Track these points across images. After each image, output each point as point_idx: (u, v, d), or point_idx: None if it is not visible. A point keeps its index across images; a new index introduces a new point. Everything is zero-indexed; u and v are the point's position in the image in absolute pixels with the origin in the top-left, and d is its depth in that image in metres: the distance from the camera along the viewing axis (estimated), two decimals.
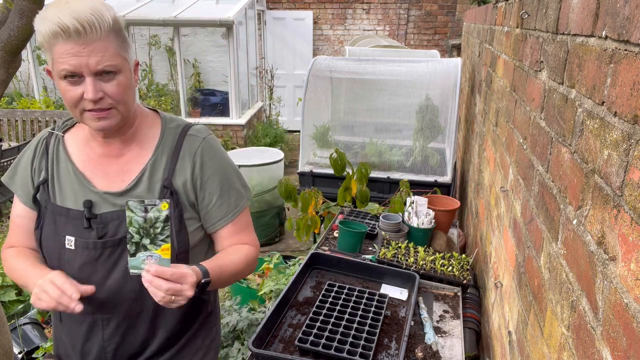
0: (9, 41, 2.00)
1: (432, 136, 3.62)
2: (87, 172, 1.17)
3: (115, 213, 1.14)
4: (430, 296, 1.84)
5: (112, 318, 1.19)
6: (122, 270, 1.14)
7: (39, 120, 5.76)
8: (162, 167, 1.18)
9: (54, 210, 1.15)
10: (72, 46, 0.99)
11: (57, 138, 1.21)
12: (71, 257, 1.14)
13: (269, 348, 1.43)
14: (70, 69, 1.01)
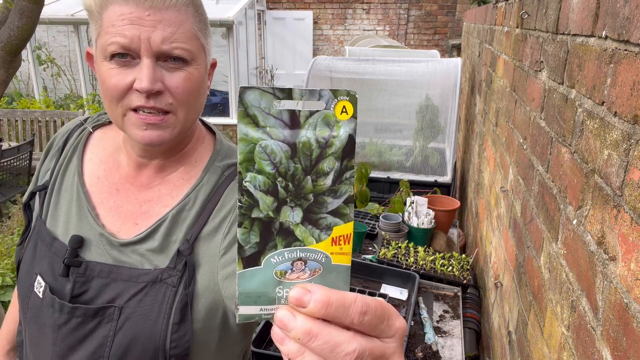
0: (9, 41, 2.00)
1: (432, 136, 3.62)
2: (96, 196, 0.82)
3: (107, 267, 0.77)
4: (430, 296, 1.84)
5: None
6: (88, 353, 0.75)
7: (39, 120, 5.77)
8: (187, 222, 0.79)
9: (40, 231, 0.83)
10: (132, 9, 0.68)
11: (83, 133, 0.88)
12: (35, 307, 0.79)
13: (269, 348, 1.43)
14: (123, 42, 0.67)
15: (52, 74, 7.41)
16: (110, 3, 0.69)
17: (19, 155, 4.51)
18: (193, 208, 0.79)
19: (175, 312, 0.75)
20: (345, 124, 0.33)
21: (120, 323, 0.75)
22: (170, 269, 0.76)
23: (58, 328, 0.76)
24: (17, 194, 4.36)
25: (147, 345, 0.74)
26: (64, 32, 7.49)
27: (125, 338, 0.74)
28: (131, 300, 0.75)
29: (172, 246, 0.78)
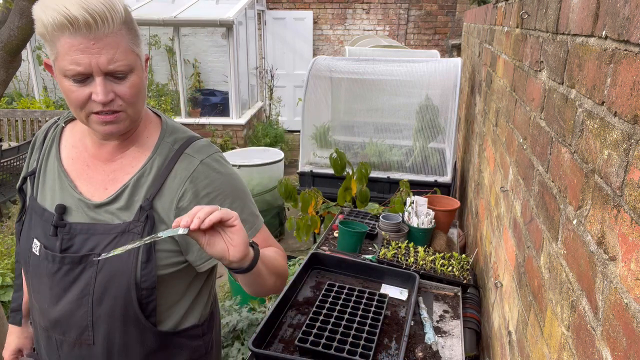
0: (9, 41, 2.00)
1: (432, 136, 3.62)
2: (72, 173, 1.05)
3: (86, 225, 0.99)
4: (430, 296, 1.84)
5: (65, 341, 1.05)
6: (77, 292, 0.99)
7: (39, 120, 5.76)
8: (146, 184, 1.01)
9: (33, 206, 1.06)
10: (80, 41, 0.86)
11: (57, 129, 1.12)
12: (35, 264, 1.03)
13: (269, 348, 1.44)
14: (79, 69, 0.87)
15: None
16: (61, 35, 0.86)
17: (19, 155, 4.51)
18: (150, 174, 1.02)
19: (142, 254, 0.98)
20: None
21: (100, 266, 0.98)
22: (135, 221, 0.99)
23: (53, 275, 1.00)
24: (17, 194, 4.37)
25: (122, 281, 0.98)
26: None
27: (104, 277, 0.98)
28: (106, 247, 0.97)
29: (135, 204, 1.00)
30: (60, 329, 1.04)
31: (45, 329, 1.06)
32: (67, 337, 1.04)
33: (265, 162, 4.25)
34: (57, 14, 0.85)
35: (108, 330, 1.02)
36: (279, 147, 6.26)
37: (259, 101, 7.90)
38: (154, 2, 6.68)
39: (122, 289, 0.98)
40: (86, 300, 0.99)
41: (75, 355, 1.05)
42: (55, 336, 1.05)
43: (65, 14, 0.84)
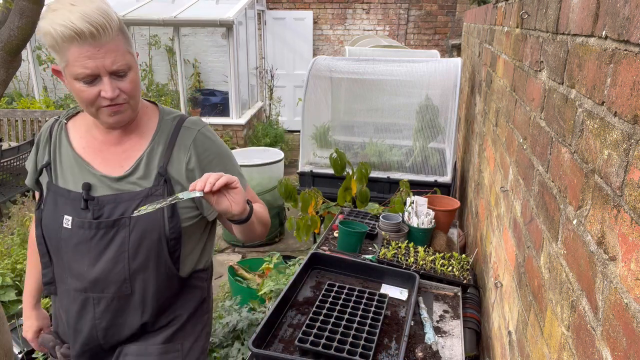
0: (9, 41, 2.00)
1: (432, 136, 3.62)
2: (87, 157, 1.23)
3: (112, 196, 1.19)
4: (430, 296, 1.84)
5: (103, 298, 1.22)
6: (114, 251, 1.18)
7: (39, 120, 5.76)
8: (158, 155, 1.23)
9: (56, 191, 1.22)
10: (87, 49, 1.04)
11: (60, 125, 1.28)
12: (67, 236, 1.19)
13: (269, 348, 1.43)
14: (88, 72, 1.06)
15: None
16: (70, 46, 1.03)
17: (19, 155, 4.51)
18: (159, 146, 1.23)
19: (167, 210, 1.20)
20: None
21: (132, 226, 1.17)
22: (155, 186, 1.20)
23: (89, 240, 1.18)
24: (17, 194, 4.36)
25: (153, 235, 1.19)
26: None
27: (137, 235, 1.18)
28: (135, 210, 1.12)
29: (152, 172, 1.21)
30: (99, 287, 1.21)
31: (82, 291, 1.22)
32: (105, 293, 1.21)
33: (265, 162, 4.25)
34: (65, 28, 1.01)
35: (143, 280, 1.22)
36: (279, 147, 6.26)
37: (259, 101, 7.90)
38: (154, 2, 6.67)
39: (154, 242, 1.19)
40: (123, 257, 1.18)
41: (113, 308, 1.23)
42: (93, 295, 1.22)
43: (72, 28, 1.00)
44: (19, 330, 2.56)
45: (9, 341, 2.06)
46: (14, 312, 2.86)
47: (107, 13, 1.04)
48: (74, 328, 1.27)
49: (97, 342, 1.27)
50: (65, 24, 1.00)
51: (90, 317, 1.24)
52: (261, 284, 2.85)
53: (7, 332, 2.03)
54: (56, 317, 1.35)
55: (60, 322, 1.34)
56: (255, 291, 2.88)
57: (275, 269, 3.13)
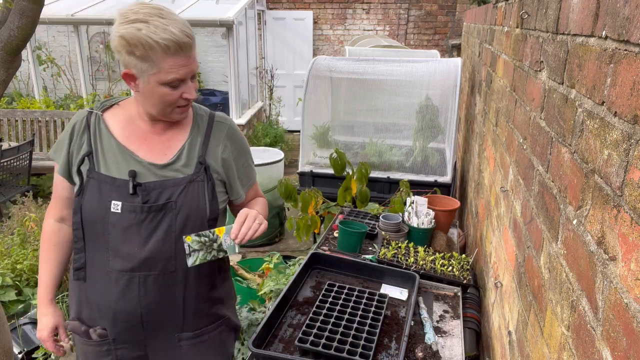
0: (9, 41, 2.00)
1: (432, 136, 3.62)
2: (131, 146, 1.32)
3: (157, 182, 1.29)
4: (430, 296, 1.84)
5: (149, 276, 1.31)
6: (162, 232, 1.29)
7: (39, 120, 5.76)
8: (197, 146, 1.37)
9: (99, 178, 1.28)
10: (182, 59, 1.19)
11: (97, 116, 1.34)
12: (116, 220, 1.28)
13: (269, 348, 1.43)
14: (180, 78, 1.21)
15: (52, 74, 7.40)
16: (166, 56, 1.17)
17: (19, 155, 4.50)
18: (198, 137, 1.38)
19: (208, 193, 1.34)
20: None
21: (178, 209, 1.30)
22: (196, 173, 1.33)
23: (140, 223, 1.28)
24: (17, 194, 4.36)
25: (196, 216, 1.32)
26: (64, 32, 7.49)
27: (183, 216, 1.30)
28: (180, 195, 1.30)
29: (193, 161, 1.34)
30: (147, 266, 1.30)
31: (128, 271, 1.30)
32: (152, 271, 1.31)
33: (265, 162, 4.25)
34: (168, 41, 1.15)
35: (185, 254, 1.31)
36: (279, 147, 6.26)
37: (259, 101, 7.90)
38: (154, 2, 6.67)
39: (197, 223, 1.33)
40: (170, 237, 1.30)
41: (160, 284, 1.33)
42: (140, 274, 1.30)
43: (175, 41, 1.16)
44: (19, 330, 2.56)
45: (9, 341, 2.06)
46: (14, 312, 2.86)
47: (185, 24, 1.19)
48: (114, 309, 1.32)
49: (137, 321, 1.34)
50: (169, 37, 1.14)
51: (134, 295, 1.31)
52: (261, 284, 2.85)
53: (7, 332, 2.03)
54: (79, 303, 1.38)
55: (86, 308, 1.37)
56: (255, 291, 2.88)
57: (275, 269, 3.13)
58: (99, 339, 1.37)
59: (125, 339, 1.37)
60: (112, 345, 1.37)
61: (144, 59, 1.16)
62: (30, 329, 2.63)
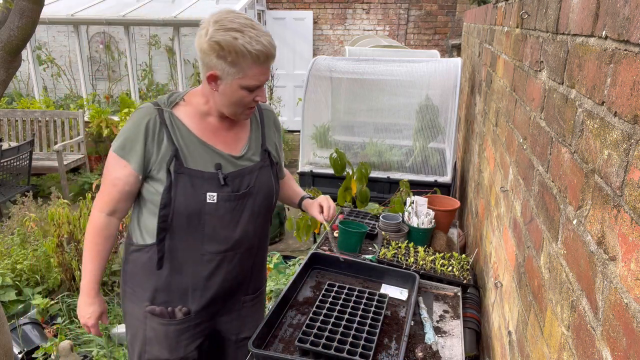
0: (9, 41, 2.00)
1: (432, 136, 3.62)
2: (209, 141, 1.44)
3: (237, 172, 1.45)
4: (430, 296, 1.84)
5: (237, 254, 1.50)
6: (248, 215, 1.47)
7: (39, 120, 5.76)
8: (258, 135, 1.55)
9: (190, 173, 1.39)
10: (264, 68, 1.33)
11: (169, 113, 1.41)
12: (213, 209, 1.41)
13: (269, 348, 1.44)
14: (259, 85, 1.34)
15: (52, 74, 7.40)
16: (254, 64, 1.29)
17: (19, 155, 4.50)
18: (258, 128, 1.57)
19: (273, 176, 1.55)
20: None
21: (256, 193, 1.49)
22: (263, 159, 1.52)
23: (232, 210, 1.44)
24: (17, 193, 4.36)
25: (269, 195, 1.54)
26: (64, 32, 7.48)
27: (260, 199, 1.51)
28: (256, 180, 1.49)
29: (258, 149, 1.53)
30: (238, 245, 1.48)
31: (222, 252, 1.47)
32: (240, 250, 1.50)
33: None
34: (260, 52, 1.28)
35: (262, 233, 1.58)
36: None
37: None
38: (154, 2, 6.67)
39: (270, 204, 1.56)
40: (252, 218, 1.49)
41: (242, 259, 1.52)
42: (230, 254, 1.48)
43: (267, 52, 1.29)
44: (19, 330, 2.56)
45: (9, 341, 2.06)
46: (14, 312, 2.86)
47: (272, 40, 1.33)
48: (203, 287, 1.49)
49: (223, 292, 1.53)
50: (261, 48, 1.28)
51: (223, 272, 1.49)
52: None
53: (7, 332, 2.03)
54: (155, 290, 1.49)
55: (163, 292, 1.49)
56: None
57: (275, 269, 3.13)
58: (183, 317, 1.50)
59: (204, 312, 1.53)
60: (192, 320, 1.52)
61: (233, 64, 1.28)
62: (30, 329, 2.63)
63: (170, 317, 1.50)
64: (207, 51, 1.28)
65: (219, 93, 1.35)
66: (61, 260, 3.02)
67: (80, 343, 2.67)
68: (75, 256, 3.04)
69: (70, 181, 5.56)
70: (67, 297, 3.00)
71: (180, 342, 1.52)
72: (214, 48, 1.27)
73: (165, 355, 1.53)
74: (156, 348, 1.52)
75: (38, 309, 2.83)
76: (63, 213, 3.03)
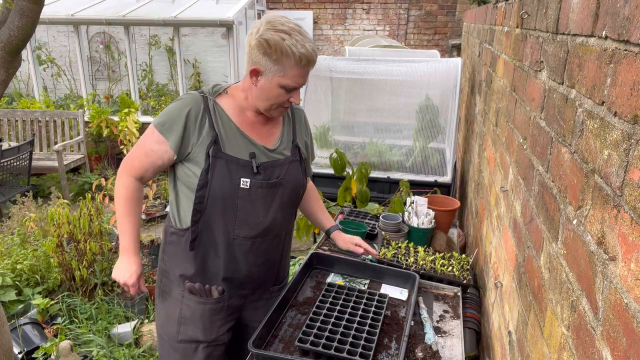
0: (9, 41, 2.00)
1: (432, 136, 3.62)
2: (247, 132, 1.52)
3: (270, 162, 1.53)
4: (430, 296, 1.84)
5: (265, 240, 1.57)
6: (278, 204, 1.55)
7: (39, 120, 5.76)
8: (290, 132, 1.64)
9: (227, 158, 1.46)
10: (304, 71, 1.41)
11: (213, 102, 1.50)
12: (245, 194, 1.49)
13: (269, 348, 1.44)
14: (296, 86, 1.43)
15: (52, 74, 7.40)
16: (295, 66, 1.38)
17: (19, 155, 4.51)
18: (289, 125, 1.65)
19: (302, 171, 1.63)
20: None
21: (286, 183, 1.57)
22: (293, 154, 1.61)
23: (264, 197, 1.52)
24: (17, 194, 4.36)
25: (297, 187, 1.62)
26: (64, 32, 7.49)
27: (288, 190, 1.59)
28: (286, 172, 1.56)
29: (289, 144, 1.62)
30: (267, 232, 1.56)
31: (253, 237, 1.54)
32: (269, 236, 1.58)
33: None
34: (303, 56, 1.37)
35: (289, 222, 1.67)
36: None
37: None
38: (154, 2, 6.67)
39: (297, 196, 1.65)
40: (281, 207, 1.57)
41: (271, 247, 1.61)
42: (260, 239, 1.56)
43: (309, 56, 1.38)
44: (19, 330, 2.56)
45: (9, 341, 2.06)
46: (14, 312, 2.86)
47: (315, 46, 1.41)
48: (234, 270, 1.57)
49: (249, 278, 1.60)
50: (305, 52, 1.37)
51: (252, 257, 1.57)
52: None
53: (7, 332, 2.03)
54: (193, 270, 1.56)
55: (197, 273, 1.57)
56: None
57: None
58: (218, 296, 1.58)
59: (236, 296, 1.61)
60: (226, 301, 1.60)
61: (277, 62, 1.37)
62: (30, 329, 2.63)
63: (207, 296, 1.57)
64: (255, 47, 1.37)
65: (258, 88, 1.43)
66: (61, 260, 3.02)
67: (80, 343, 2.67)
68: (75, 256, 3.04)
69: (70, 181, 5.56)
70: (67, 297, 3.00)
71: (214, 323, 1.59)
72: (262, 45, 1.36)
73: (199, 335, 1.58)
74: (190, 328, 1.59)
75: (38, 309, 2.83)
76: (63, 213, 3.03)
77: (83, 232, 3.03)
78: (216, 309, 1.58)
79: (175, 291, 1.60)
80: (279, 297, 1.60)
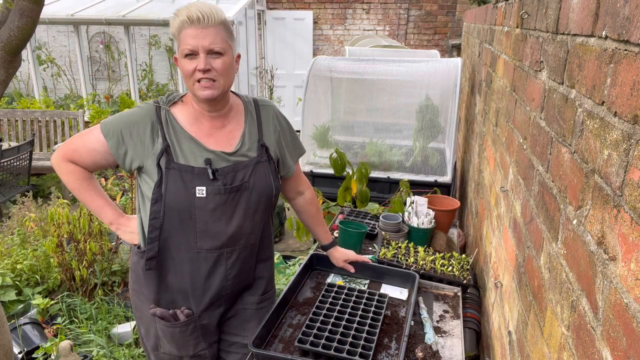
0: (9, 41, 2.00)
1: (432, 136, 3.62)
2: (201, 140, 1.45)
3: (230, 166, 1.44)
4: (430, 296, 1.84)
5: (234, 250, 1.49)
6: (242, 210, 1.46)
7: (39, 120, 5.76)
8: (254, 131, 1.53)
9: (180, 168, 1.41)
10: (193, 30, 1.32)
11: (166, 111, 1.46)
12: (203, 204, 1.41)
13: (269, 348, 1.44)
14: (190, 48, 1.32)
15: (52, 74, 7.40)
16: (183, 29, 1.33)
17: (19, 155, 4.50)
18: (253, 124, 1.54)
19: (272, 172, 1.52)
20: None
21: (251, 188, 1.47)
22: (260, 155, 1.50)
23: (224, 204, 1.43)
24: (17, 194, 4.36)
25: (266, 193, 1.50)
26: (64, 32, 7.49)
27: (256, 195, 1.48)
28: (251, 176, 1.47)
29: (254, 145, 1.51)
30: (233, 241, 1.47)
31: (217, 249, 1.46)
32: (237, 246, 1.48)
33: None
34: (182, 15, 1.32)
35: (259, 229, 1.54)
36: None
37: None
38: (154, 2, 6.67)
39: (267, 200, 1.52)
40: (248, 213, 1.47)
41: (242, 257, 1.51)
42: (227, 250, 1.47)
43: (187, 14, 1.31)
44: (19, 330, 2.56)
45: (9, 341, 2.06)
46: (14, 312, 2.86)
47: (214, 8, 1.34)
48: (203, 287, 1.49)
49: (225, 292, 1.52)
50: (183, 13, 1.32)
51: (222, 270, 1.49)
52: None
53: (7, 332, 2.03)
54: (157, 292, 1.51)
55: (166, 293, 1.51)
56: None
57: (275, 269, 3.12)
58: (186, 319, 1.50)
59: (208, 313, 1.53)
60: (197, 321, 1.52)
61: (176, 38, 1.36)
62: (30, 329, 2.63)
63: (175, 320, 1.50)
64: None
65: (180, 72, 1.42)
66: (61, 260, 3.02)
67: (80, 343, 2.67)
68: (75, 256, 3.04)
69: None
70: (67, 297, 3.00)
71: (188, 342, 1.53)
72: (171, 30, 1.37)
73: (175, 352, 1.55)
74: (167, 346, 1.55)
75: (38, 309, 2.83)
76: (63, 213, 3.03)
77: (83, 232, 3.02)
78: (186, 330, 1.51)
79: (146, 311, 1.54)
80: (276, 303, 1.60)
